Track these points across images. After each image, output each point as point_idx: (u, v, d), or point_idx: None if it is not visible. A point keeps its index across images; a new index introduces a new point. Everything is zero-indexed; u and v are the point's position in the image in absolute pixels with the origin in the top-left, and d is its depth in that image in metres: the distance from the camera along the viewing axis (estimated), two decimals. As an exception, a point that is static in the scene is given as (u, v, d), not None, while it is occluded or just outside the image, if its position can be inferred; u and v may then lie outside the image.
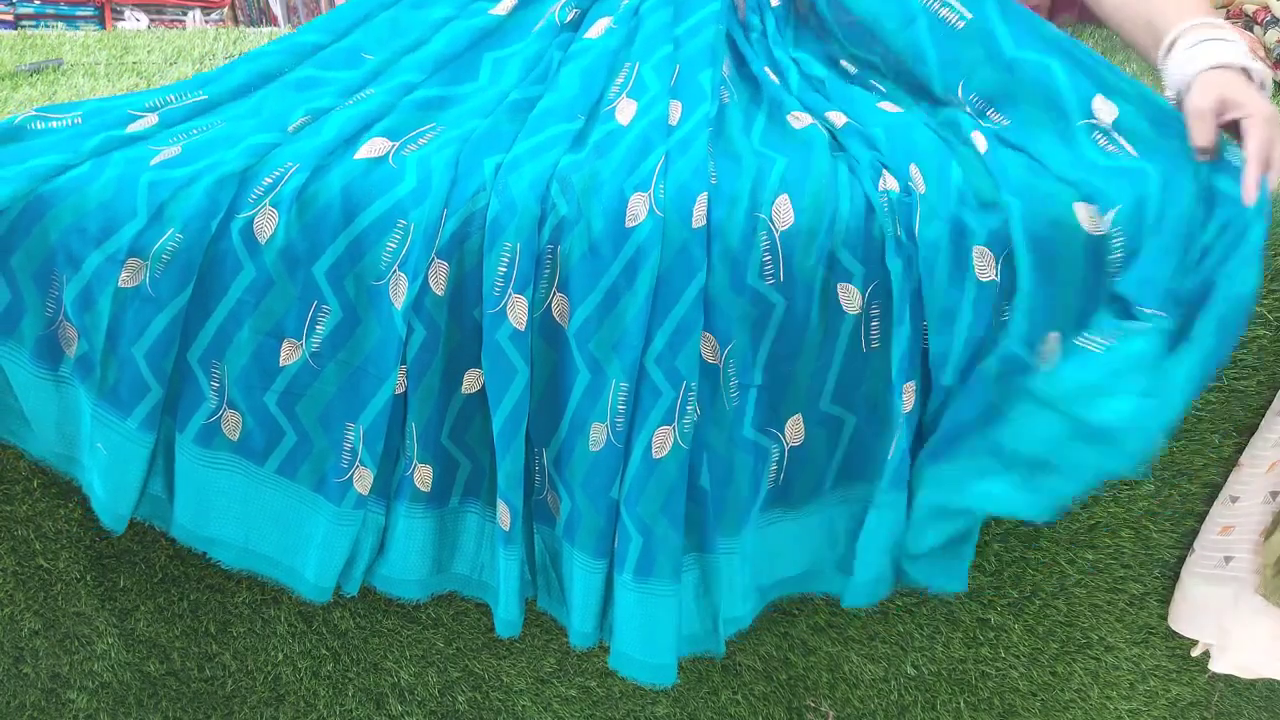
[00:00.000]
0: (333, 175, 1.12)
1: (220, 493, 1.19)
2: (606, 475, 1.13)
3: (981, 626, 1.38)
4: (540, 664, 1.42)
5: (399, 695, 1.44)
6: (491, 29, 1.34)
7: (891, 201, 1.10)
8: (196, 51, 1.51)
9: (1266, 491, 1.26)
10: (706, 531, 1.18)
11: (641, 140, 1.15)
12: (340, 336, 1.13)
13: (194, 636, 1.40)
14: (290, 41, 1.32)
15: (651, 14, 1.30)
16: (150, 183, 1.10)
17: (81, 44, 1.54)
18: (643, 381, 1.11)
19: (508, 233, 1.09)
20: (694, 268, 1.08)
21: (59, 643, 1.40)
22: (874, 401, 1.17)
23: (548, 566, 1.25)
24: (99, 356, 1.13)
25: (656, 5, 1.32)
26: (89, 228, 1.10)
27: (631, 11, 1.33)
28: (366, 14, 1.36)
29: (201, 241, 1.09)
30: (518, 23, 1.35)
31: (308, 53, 1.31)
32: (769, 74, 1.30)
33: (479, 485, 1.22)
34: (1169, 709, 1.44)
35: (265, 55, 1.30)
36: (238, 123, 1.20)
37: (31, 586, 1.37)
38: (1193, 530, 1.32)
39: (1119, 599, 1.37)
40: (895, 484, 1.16)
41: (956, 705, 1.44)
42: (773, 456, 1.18)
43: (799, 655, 1.40)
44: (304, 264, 1.11)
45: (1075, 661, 1.41)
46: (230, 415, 1.17)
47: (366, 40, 1.32)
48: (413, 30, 1.34)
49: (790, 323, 1.12)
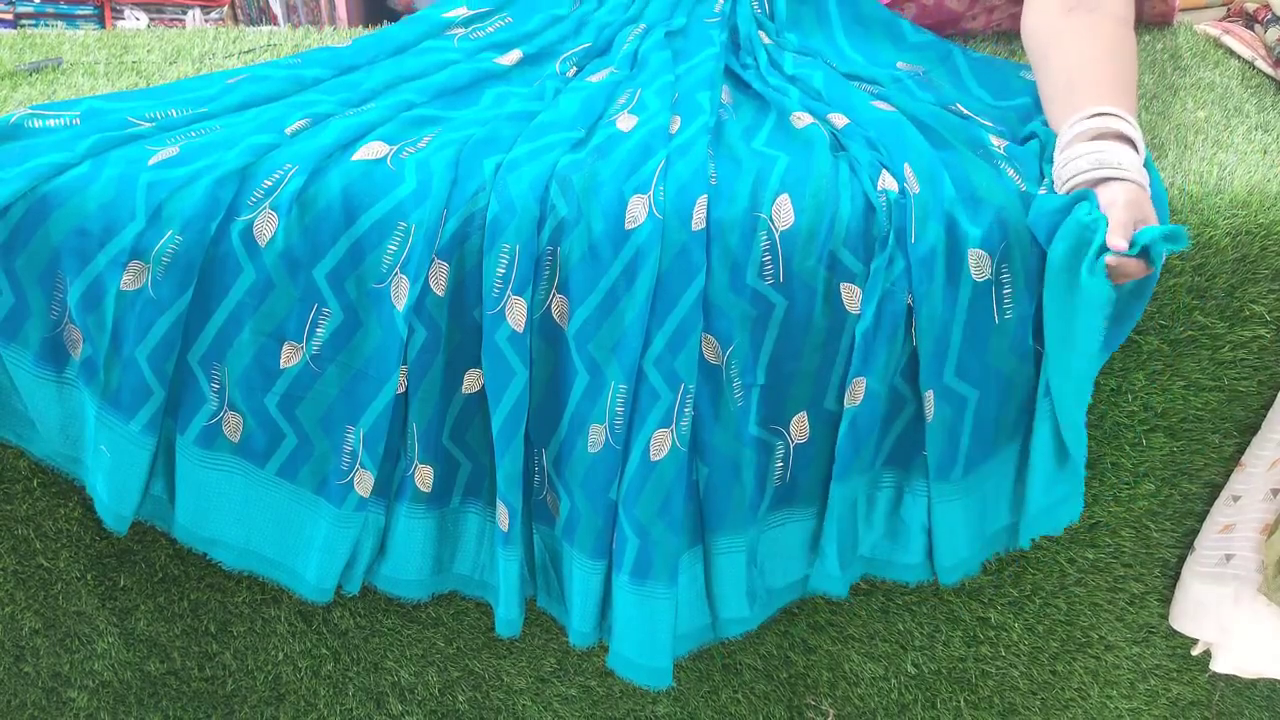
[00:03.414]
0: (332, 177, 1.12)
1: (221, 494, 1.20)
2: (605, 476, 1.14)
3: (982, 625, 1.38)
4: (541, 663, 1.42)
5: (399, 694, 1.44)
6: (496, 74, 1.35)
7: (890, 202, 1.11)
8: (196, 50, 1.51)
9: (1268, 489, 1.26)
10: (709, 531, 1.18)
11: (642, 145, 1.15)
12: (341, 339, 1.14)
13: (194, 636, 1.40)
14: (292, 72, 1.32)
15: (652, 54, 1.31)
16: (149, 183, 1.11)
17: (81, 43, 1.55)
18: (641, 384, 1.11)
19: (507, 234, 1.10)
20: (693, 270, 1.09)
21: (59, 641, 1.41)
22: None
23: (547, 566, 1.25)
24: (103, 359, 1.14)
25: (656, 47, 1.32)
26: (91, 229, 1.11)
27: (630, 56, 1.34)
28: (371, 58, 1.37)
29: (201, 243, 1.10)
30: (521, 74, 1.36)
31: (308, 84, 1.32)
32: (771, 89, 1.30)
33: (480, 485, 1.22)
34: (1170, 708, 1.44)
35: (268, 80, 1.30)
36: (235, 126, 1.20)
37: (32, 585, 1.37)
38: (1193, 529, 1.32)
39: (1119, 598, 1.37)
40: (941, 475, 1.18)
41: (957, 703, 1.44)
42: (778, 453, 1.18)
43: (799, 654, 1.40)
44: (305, 266, 1.12)
45: (1075, 660, 1.41)
46: (231, 417, 1.17)
47: (369, 77, 1.33)
48: (417, 68, 1.35)
49: (792, 322, 1.12)
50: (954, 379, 1.13)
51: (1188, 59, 1.47)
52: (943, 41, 1.45)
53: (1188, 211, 1.15)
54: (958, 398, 1.14)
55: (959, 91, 1.35)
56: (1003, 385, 1.15)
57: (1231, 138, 1.26)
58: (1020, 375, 1.16)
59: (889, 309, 1.10)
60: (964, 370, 1.13)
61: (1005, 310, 1.12)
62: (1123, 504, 1.31)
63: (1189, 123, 1.29)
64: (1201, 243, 1.15)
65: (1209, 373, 1.23)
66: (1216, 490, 1.29)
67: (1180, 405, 1.25)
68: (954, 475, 1.18)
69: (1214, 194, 1.16)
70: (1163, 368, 1.22)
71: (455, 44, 1.41)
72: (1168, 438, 1.26)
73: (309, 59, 1.36)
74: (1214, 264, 1.16)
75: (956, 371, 1.13)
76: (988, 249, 1.10)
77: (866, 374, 1.12)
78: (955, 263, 1.10)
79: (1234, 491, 1.27)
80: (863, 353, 1.12)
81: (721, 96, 1.26)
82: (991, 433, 1.17)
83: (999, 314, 1.12)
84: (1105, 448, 1.27)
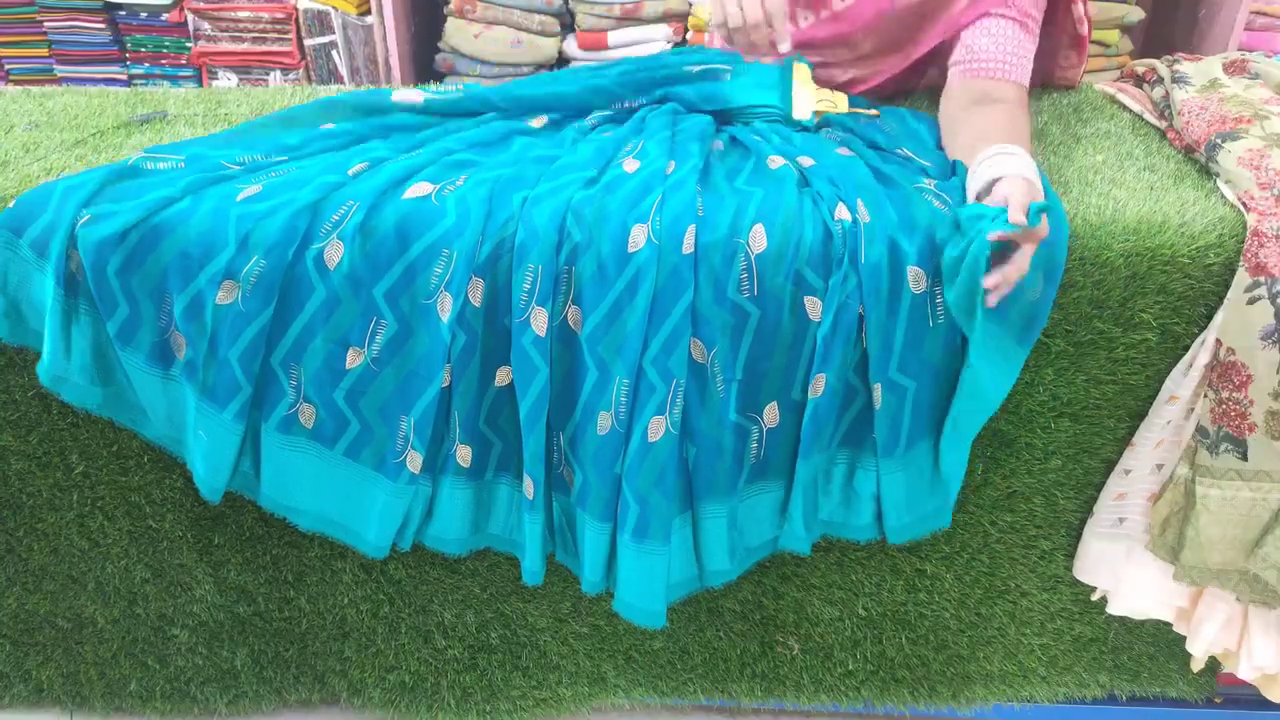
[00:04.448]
0: (388, 212, 1.12)
1: (298, 470, 1.20)
2: (611, 454, 1.14)
3: (919, 575, 1.38)
4: (559, 606, 1.42)
5: (443, 632, 1.44)
6: (525, 131, 1.33)
7: (844, 229, 1.11)
8: (277, 105, 1.50)
9: (1153, 464, 1.26)
10: (696, 498, 1.18)
11: (643, 183, 1.15)
12: (395, 345, 1.14)
13: (275, 584, 1.41)
14: (353, 135, 1.30)
15: (653, 120, 1.30)
16: (238, 216, 1.11)
17: (183, 99, 1.54)
18: (641, 379, 1.11)
19: (531, 256, 1.10)
20: (683, 287, 1.09)
21: (165, 589, 1.41)
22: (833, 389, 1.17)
23: (564, 528, 1.25)
24: (202, 360, 1.14)
25: (658, 115, 1.31)
26: (192, 253, 1.11)
27: (639, 121, 1.33)
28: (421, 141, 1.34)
29: (281, 266, 1.10)
30: (545, 133, 1.33)
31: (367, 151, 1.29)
32: (754, 137, 1.29)
33: (509, 462, 1.22)
34: (1073, 643, 1.44)
35: (335, 136, 1.29)
36: (307, 168, 1.20)
37: (143, 543, 1.37)
38: (1093, 497, 1.31)
39: (1032, 553, 1.37)
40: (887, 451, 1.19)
41: (899, 640, 1.44)
42: (753, 436, 1.18)
43: (770, 599, 1.40)
44: (366, 286, 1.11)
45: (996, 604, 1.41)
46: (306, 408, 1.17)
47: (421, 134, 1.31)
48: (456, 126, 1.33)
49: (764, 328, 1.12)
50: (896, 373, 1.14)
51: (1088, 113, 1.46)
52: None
53: (1088, 237, 1.15)
54: (900, 388, 1.14)
55: (906, 133, 1.35)
56: (936, 377, 1.16)
57: (1124, 177, 1.26)
58: (950, 369, 1.16)
59: (844, 317, 1.10)
60: (905, 366, 1.13)
61: (938, 316, 1.12)
62: (1035, 476, 1.30)
63: (1089, 165, 1.29)
64: (1099, 263, 1.15)
65: (1106, 369, 1.23)
66: (1112, 465, 1.29)
67: (1082, 395, 1.25)
68: (897, 452, 1.18)
69: (1110, 223, 1.16)
70: (1068, 365, 1.23)
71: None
72: (1072, 422, 1.27)
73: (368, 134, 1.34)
74: (1110, 280, 1.16)
75: (899, 367, 1.13)
76: (923, 266, 1.10)
77: (826, 370, 1.12)
78: (897, 278, 1.10)
79: (1126, 466, 1.27)
80: (822, 353, 1.12)
81: (712, 146, 1.26)
82: (926, 416, 1.18)
83: (933, 319, 1.12)
84: (1020, 430, 1.27)
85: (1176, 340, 1.21)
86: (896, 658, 1.45)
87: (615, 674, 1.47)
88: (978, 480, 1.30)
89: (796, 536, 1.23)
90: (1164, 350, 1.21)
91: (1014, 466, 1.30)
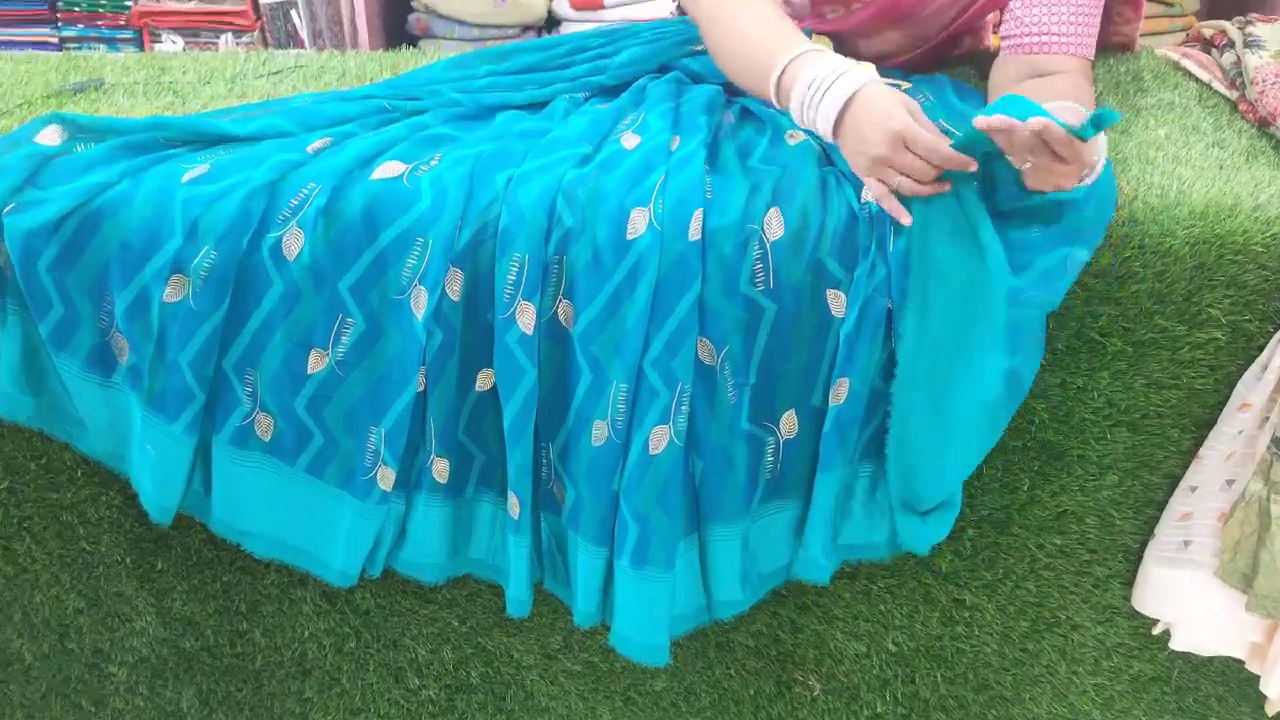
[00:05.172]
0: (354, 195, 1.12)
1: (253, 489, 1.20)
2: (607, 468, 1.14)
3: (957, 606, 1.39)
4: (548, 641, 1.42)
5: (416, 670, 1.45)
6: (510, 105, 1.32)
7: (871, 214, 1.11)
8: (228, 72, 1.51)
9: (1223, 480, 1.26)
10: (704, 519, 1.18)
11: (643, 161, 1.15)
12: (364, 347, 1.14)
13: (226, 615, 1.41)
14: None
15: (655, 89, 1.30)
16: (184, 200, 1.11)
17: (122, 65, 1.54)
18: (641, 383, 1.11)
19: (517, 244, 1.10)
20: (690, 278, 1.09)
21: (101, 620, 1.41)
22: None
23: (554, 551, 1.25)
24: (148, 365, 1.14)
25: (660, 84, 1.31)
26: (133, 244, 1.11)
27: (639, 90, 1.32)
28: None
29: (235, 257, 1.10)
30: (532, 107, 1.33)
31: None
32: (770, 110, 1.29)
33: (492, 477, 1.22)
34: (1132, 683, 1.44)
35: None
36: (260, 145, 1.20)
37: (76, 568, 1.37)
38: (1154, 517, 1.32)
39: (1085, 581, 1.37)
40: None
41: (934, 679, 1.44)
42: (769, 447, 1.18)
43: (788, 633, 1.40)
44: (329, 279, 1.12)
45: (1044, 639, 1.41)
46: (263, 418, 1.17)
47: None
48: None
49: (781, 326, 1.12)
50: None
51: (1149, 81, 1.46)
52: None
53: (1149, 222, 1.15)
54: None
55: (943, 106, 1.34)
56: None
57: (1189, 154, 1.26)
58: None
59: (870, 313, 1.11)
60: None
61: None
62: (1088, 494, 1.31)
63: (1150, 140, 1.29)
64: (1161, 252, 1.15)
65: (1169, 372, 1.23)
66: (1175, 481, 1.29)
67: (1142, 402, 1.25)
68: None
69: (1173, 206, 1.16)
70: (1126, 367, 1.23)
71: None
72: (1130, 432, 1.27)
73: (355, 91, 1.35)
74: (1174, 271, 1.16)
75: None
76: None
77: (849, 374, 1.12)
78: None
79: (1192, 482, 1.27)
80: (846, 354, 1.12)
81: (722, 118, 1.26)
82: None
83: None
84: (1072, 441, 1.27)
85: (1249, 339, 1.21)
86: (931, 699, 1.45)
87: (612, 717, 1.47)
88: (1024, 498, 1.31)
89: (815, 564, 1.23)
90: (1234, 351, 1.21)
91: (1064, 482, 1.30)
